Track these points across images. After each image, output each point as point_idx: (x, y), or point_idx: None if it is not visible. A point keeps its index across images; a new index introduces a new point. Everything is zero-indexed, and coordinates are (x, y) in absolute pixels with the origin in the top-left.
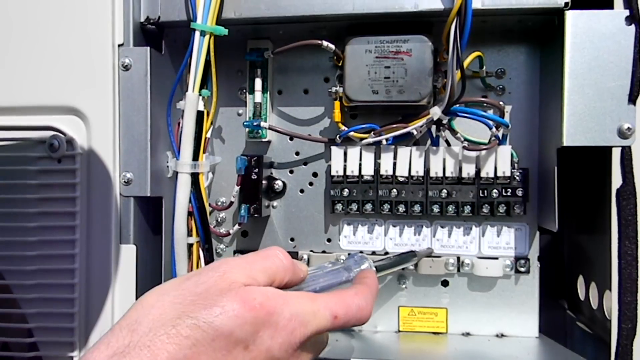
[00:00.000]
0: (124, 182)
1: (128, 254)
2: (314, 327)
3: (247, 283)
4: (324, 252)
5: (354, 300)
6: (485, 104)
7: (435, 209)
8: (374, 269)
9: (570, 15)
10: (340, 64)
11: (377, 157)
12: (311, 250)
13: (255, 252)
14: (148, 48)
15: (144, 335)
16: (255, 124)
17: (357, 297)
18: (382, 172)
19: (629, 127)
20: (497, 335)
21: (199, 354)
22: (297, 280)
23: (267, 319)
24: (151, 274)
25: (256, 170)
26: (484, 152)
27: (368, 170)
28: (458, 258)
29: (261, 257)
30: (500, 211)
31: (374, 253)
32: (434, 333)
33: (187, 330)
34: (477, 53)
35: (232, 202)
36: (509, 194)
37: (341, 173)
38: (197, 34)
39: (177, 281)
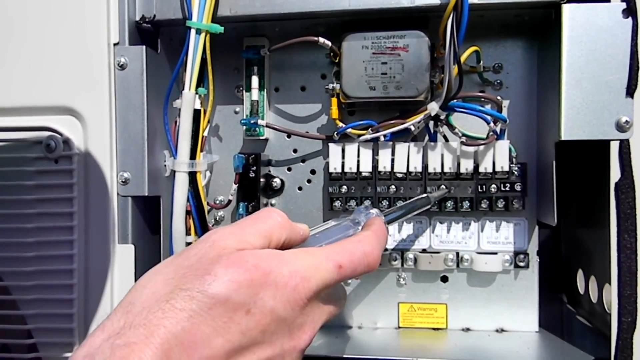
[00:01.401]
0: (122, 181)
1: (126, 254)
2: (319, 281)
3: (240, 248)
4: None
5: (358, 247)
6: (482, 99)
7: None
8: (383, 217)
9: (567, 9)
10: (336, 61)
11: (375, 153)
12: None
13: (248, 216)
14: (144, 47)
15: (138, 314)
16: (252, 121)
17: (361, 244)
18: (380, 168)
19: (627, 121)
20: (497, 330)
21: (199, 325)
22: (297, 239)
23: (265, 280)
24: None
25: (254, 168)
26: (482, 147)
27: (366, 167)
28: (457, 253)
29: (253, 220)
30: (499, 206)
31: None
32: (434, 329)
33: (182, 303)
34: (474, 48)
35: (230, 201)
36: (507, 188)
37: (339, 170)
38: (193, 32)
39: (170, 259)
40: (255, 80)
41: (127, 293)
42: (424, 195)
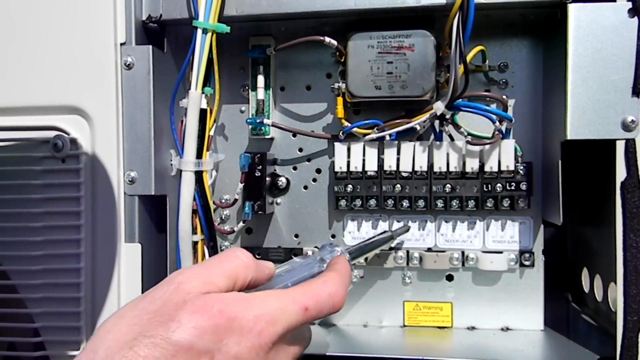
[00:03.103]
0: (128, 180)
1: (133, 253)
2: (285, 324)
3: (206, 290)
4: None
5: (324, 288)
6: (488, 98)
7: (439, 203)
8: (347, 255)
9: (573, 8)
10: (342, 60)
11: (381, 152)
12: (315, 247)
13: (214, 257)
14: (150, 47)
15: None
16: (258, 121)
17: (327, 285)
18: (386, 167)
19: (632, 120)
20: (502, 329)
21: None
22: (263, 278)
23: (229, 325)
24: (156, 272)
25: (260, 167)
26: (487, 146)
27: (371, 166)
28: (462, 252)
29: (218, 260)
30: (505, 205)
31: None
32: (439, 327)
33: (145, 350)
34: (479, 47)
35: (236, 200)
36: (512, 188)
37: (345, 169)
38: (199, 31)
39: (134, 302)
40: (261, 79)
41: (91, 337)
42: (387, 232)
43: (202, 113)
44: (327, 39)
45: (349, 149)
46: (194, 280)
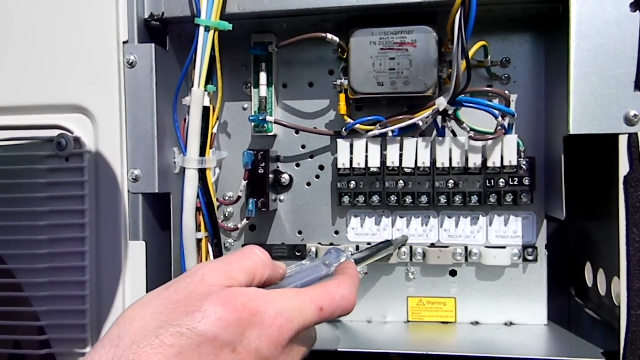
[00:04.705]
0: (132, 178)
1: (137, 250)
2: (301, 322)
3: (228, 284)
4: (331, 244)
5: (338, 290)
6: (490, 94)
7: (442, 199)
8: (353, 260)
9: (575, 3)
10: (344, 56)
11: (383, 148)
12: (319, 243)
13: (232, 252)
14: (152, 44)
15: (127, 349)
16: (260, 118)
17: (341, 287)
18: (389, 163)
19: (635, 114)
20: (505, 324)
21: None
22: (277, 277)
23: (252, 319)
24: (161, 269)
25: (263, 164)
26: (490, 141)
27: (374, 162)
28: (466, 248)
29: (238, 256)
30: (507, 200)
31: None
32: (443, 322)
33: (171, 339)
34: (481, 42)
35: (239, 197)
36: (515, 183)
37: (347, 165)
38: (202, 29)
39: (157, 291)
40: (263, 76)
41: (113, 324)
42: (387, 240)
43: (205, 110)
44: (329, 36)
45: (351, 146)
46: (216, 274)
